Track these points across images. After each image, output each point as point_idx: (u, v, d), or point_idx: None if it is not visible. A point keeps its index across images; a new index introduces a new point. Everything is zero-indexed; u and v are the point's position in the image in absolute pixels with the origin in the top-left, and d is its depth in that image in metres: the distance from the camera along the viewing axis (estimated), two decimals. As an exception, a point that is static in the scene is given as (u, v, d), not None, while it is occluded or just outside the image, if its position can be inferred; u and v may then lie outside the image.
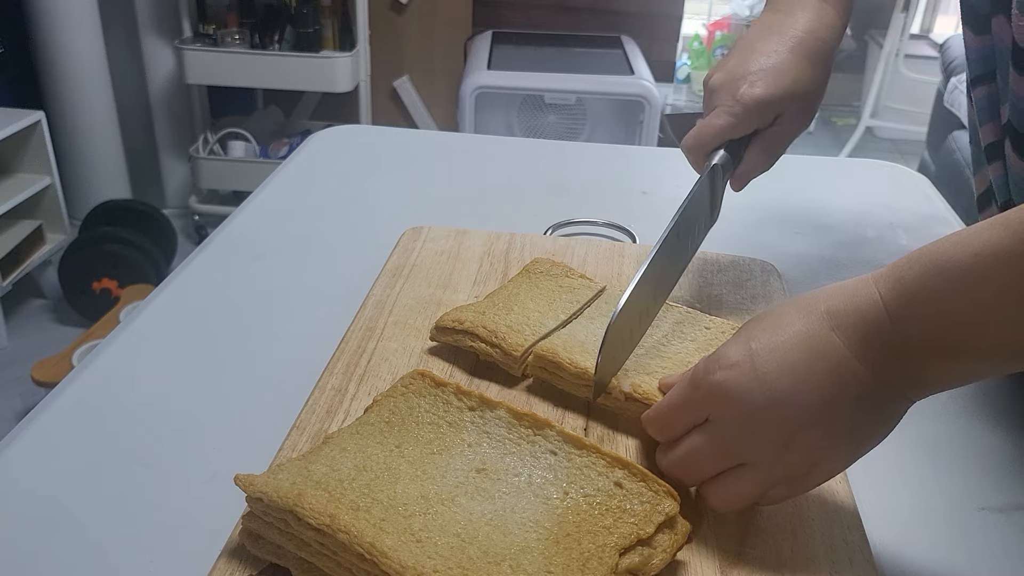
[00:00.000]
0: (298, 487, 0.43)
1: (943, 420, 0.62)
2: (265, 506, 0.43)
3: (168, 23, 2.66)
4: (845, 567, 0.46)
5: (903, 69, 3.34)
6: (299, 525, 0.42)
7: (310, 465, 0.46)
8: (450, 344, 0.62)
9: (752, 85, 0.61)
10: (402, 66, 3.05)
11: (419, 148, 1.12)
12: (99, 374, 0.64)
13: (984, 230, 0.40)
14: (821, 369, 0.43)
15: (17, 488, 0.53)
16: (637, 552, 0.43)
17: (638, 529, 0.43)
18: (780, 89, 0.62)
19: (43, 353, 2.09)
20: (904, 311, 0.41)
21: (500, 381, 0.60)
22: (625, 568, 0.42)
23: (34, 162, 2.31)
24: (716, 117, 0.62)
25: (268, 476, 0.45)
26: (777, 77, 0.62)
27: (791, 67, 0.62)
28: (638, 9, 3.03)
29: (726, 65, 0.64)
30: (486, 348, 0.60)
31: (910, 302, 0.41)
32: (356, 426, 0.50)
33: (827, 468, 0.45)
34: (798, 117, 0.64)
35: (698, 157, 0.64)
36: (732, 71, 0.63)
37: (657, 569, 0.43)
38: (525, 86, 2.56)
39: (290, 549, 0.43)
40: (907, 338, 0.41)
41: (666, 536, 0.44)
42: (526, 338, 0.60)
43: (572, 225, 0.88)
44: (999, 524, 0.53)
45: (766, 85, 0.61)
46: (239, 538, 0.45)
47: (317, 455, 0.47)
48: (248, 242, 0.85)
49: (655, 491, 0.45)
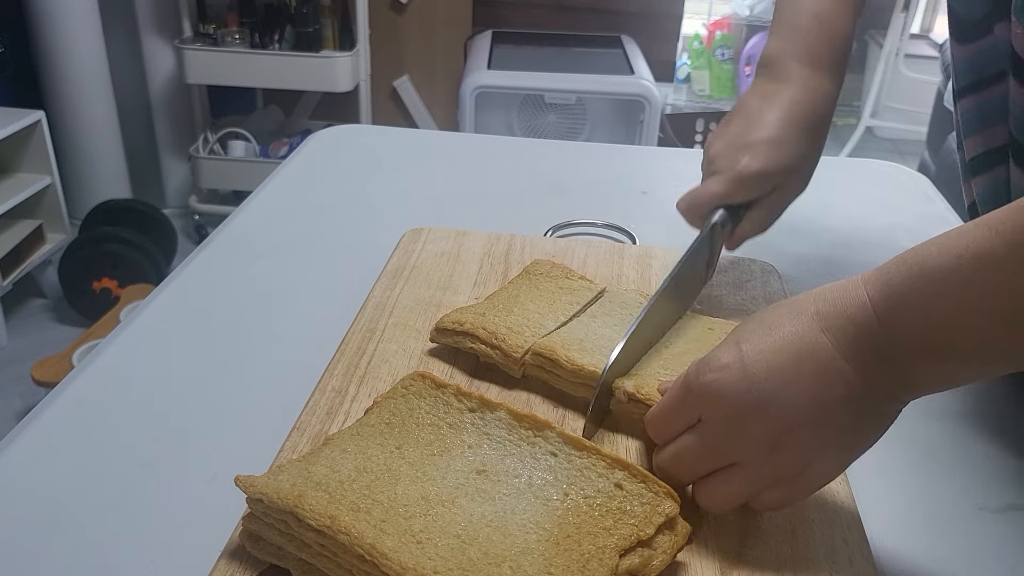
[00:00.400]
0: (298, 488, 0.43)
1: (943, 420, 0.62)
2: (265, 507, 0.43)
3: (168, 23, 2.66)
4: (845, 567, 0.46)
5: (903, 69, 3.34)
6: (299, 526, 0.42)
7: (310, 466, 0.46)
8: (450, 345, 0.62)
9: (753, 158, 0.63)
10: (402, 66, 3.05)
11: (419, 148, 1.12)
12: (99, 374, 0.64)
13: (967, 231, 0.40)
14: (809, 370, 0.43)
15: (17, 488, 0.53)
16: (637, 553, 0.43)
17: (638, 530, 0.43)
18: (779, 163, 0.63)
19: (43, 353, 2.09)
20: (891, 314, 0.41)
21: (500, 383, 0.60)
22: (625, 569, 0.42)
23: (34, 162, 2.31)
24: (714, 183, 0.64)
25: (268, 477, 0.45)
26: (777, 150, 0.63)
27: (790, 139, 0.64)
28: (638, 9, 3.03)
29: (727, 132, 0.65)
30: (486, 349, 0.60)
31: (897, 305, 0.41)
32: (356, 427, 0.50)
33: (819, 470, 0.45)
34: (795, 185, 0.66)
35: (693, 218, 0.65)
36: (733, 141, 0.64)
37: (657, 570, 0.43)
38: (525, 86, 2.56)
39: (290, 550, 0.43)
40: (894, 341, 0.41)
41: (666, 537, 0.44)
42: (526, 339, 0.60)
43: (572, 226, 0.88)
44: (998, 524, 0.53)
45: (766, 159, 0.63)
46: (239, 539, 0.45)
47: (317, 456, 0.47)
48: (248, 242, 0.85)
49: (655, 492, 0.45)
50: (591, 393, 0.55)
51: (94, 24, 2.54)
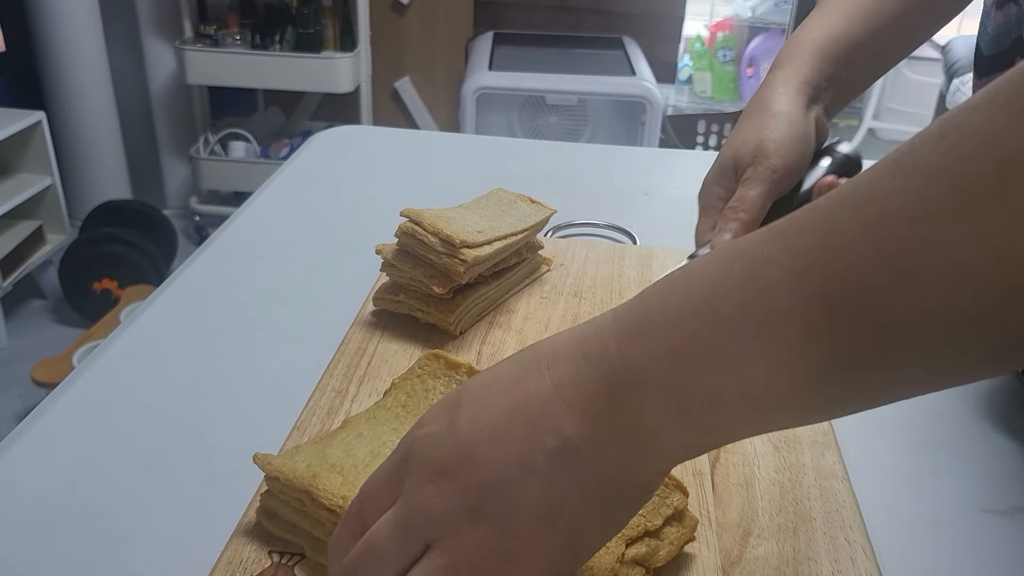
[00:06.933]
0: (314, 469, 0.45)
1: (946, 422, 0.62)
2: (282, 485, 0.45)
3: (169, 23, 2.66)
4: (847, 567, 0.45)
5: (905, 70, 3.34)
6: (314, 505, 0.43)
7: (327, 448, 0.47)
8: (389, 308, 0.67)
9: (783, 157, 0.60)
10: (403, 67, 3.05)
11: (420, 149, 1.12)
12: (99, 375, 0.64)
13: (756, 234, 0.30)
14: (519, 420, 0.33)
15: (17, 488, 0.53)
16: (644, 543, 0.43)
17: (646, 521, 0.44)
18: (804, 159, 0.61)
19: (43, 353, 2.09)
20: (631, 337, 0.31)
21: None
22: (631, 558, 0.43)
23: (35, 162, 2.31)
24: (752, 187, 0.60)
25: (285, 457, 0.46)
26: (801, 145, 0.61)
27: (810, 137, 0.62)
28: (640, 10, 3.03)
29: (741, 131, 0.62)
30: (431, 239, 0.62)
31: (640, 321, 0.31)
32: (373, 410, 0.51)
33: (524, 559, 0.33)
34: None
35: (710, 222, 0.62)
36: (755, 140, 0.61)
37: (664, 561, 0.44)
38: (526, 87, 2.56)
39: (304, 527, 0.45)
40: (634, 376, 0.31)
41: (674, 529, 0.45)
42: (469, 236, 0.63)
43: (573, 226, 0.88)
44: (1002, 527, 0.53)
45: (788, 155, 0.60)
46: (256, 515, 0.47)
47: (333, 439, 0.48)
48: (249, 243, 0.85)
49: (664, 484, 0.46)
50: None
51: (95, 25, 2.54)
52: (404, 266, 0.65)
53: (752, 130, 0.61)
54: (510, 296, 0.71)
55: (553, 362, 0.33)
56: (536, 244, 0.74)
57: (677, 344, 0.30)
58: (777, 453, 0.54)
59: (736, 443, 0.54)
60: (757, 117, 0.62)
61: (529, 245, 0.72)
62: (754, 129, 0.61)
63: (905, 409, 0.61)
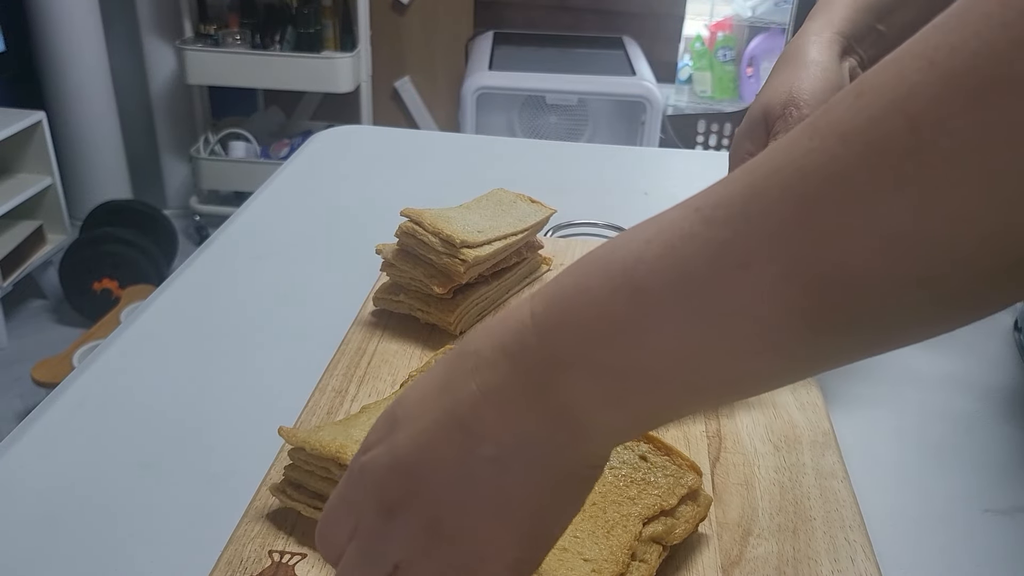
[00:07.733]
0: (339, 441, 0.46)
1: (947, 421, 0.62)
2: (307, 455, 0.46)
3: (169, 23, 2.66)
4: (847, 567, 0.45)
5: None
6: (341, 471, 0.44)
7: (348, 428, 0.49)
8: (389, 308, 0.67)
9: (814, 107, 0.57)
10: (403, 66, 3.05)
11: (420, 149, 1.12)
12: (100, 375, 0.64)
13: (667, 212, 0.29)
14: (454, 429, 0.32)
15: (17, 488, 0.53)
16: (660, 522, 0.45)
17: (661, 500, 0.45)
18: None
19: (43, 353, 2.09)
20: (551, 322, 0.30)
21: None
22: (648, 536, 0.44)
23: (35, 162, 2.31)
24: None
25: (309, 432, 0.47)
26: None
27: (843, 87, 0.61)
28: (640, 9, 3.03)
29: (772, 83, 0.61)
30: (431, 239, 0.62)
31: (560, 307, 0.30)
32: (392, 399, 0.51)
33: (501, 558, 0.33)
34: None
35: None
36: (785, 91, 0.59)
37: (680, 538, 0.45)
38: (527, 87, 2.56)
39: (329, 494, 0.45)
40: (554, 372, 0.30)
41: (689, 508, 0.46)
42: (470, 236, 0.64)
43: (573, 226, 0.88)
44: (1003, 526, 0.53)
45: (820, 105, 0.57)
46: (271, 492, 0.48)
47: (355, 421, 0.50)
48: (249, 243, 0.85)
49: (679, 465, 0.47)
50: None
51: (95, 25, 2.54)
52: (404, 266, 0.65)
53: (783, 81, 0.59)
54: (510, 296, 0.71)
55: (477, 365, 0.32)
56: (536, 244, 0.74)
57: (599, 324, 0.29)
58: (777, 453, 0.54)
59: (736, 443, 0.54)
60: (788, 68, 0.60)
61: (529, 245, 0.72)
62: (785, 80, 0.59)
63: (905, 409, 0.61)
